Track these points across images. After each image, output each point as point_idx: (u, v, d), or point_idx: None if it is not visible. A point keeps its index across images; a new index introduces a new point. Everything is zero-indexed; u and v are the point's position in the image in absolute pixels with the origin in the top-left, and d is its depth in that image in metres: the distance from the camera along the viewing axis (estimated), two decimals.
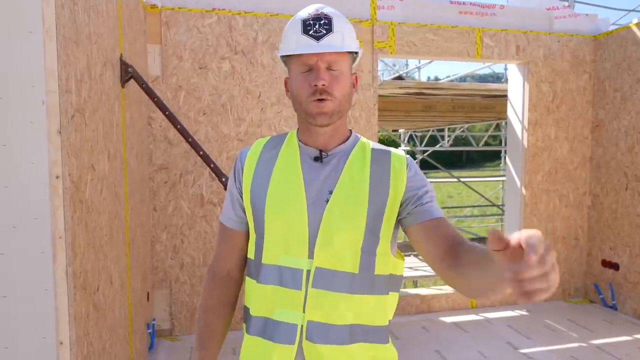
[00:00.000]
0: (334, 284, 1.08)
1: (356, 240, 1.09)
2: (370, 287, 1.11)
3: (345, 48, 1.09)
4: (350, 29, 1.13)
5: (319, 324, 1.08)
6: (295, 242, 1.10)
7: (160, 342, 3.55)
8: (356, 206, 1.09)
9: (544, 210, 4.46)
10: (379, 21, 3.96)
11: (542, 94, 4.38)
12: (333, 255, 1.08)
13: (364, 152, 1.16)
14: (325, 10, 1.11)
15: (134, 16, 3.00)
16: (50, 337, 1.59)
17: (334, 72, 1.09)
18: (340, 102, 1.10)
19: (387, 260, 1.13)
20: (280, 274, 1.11)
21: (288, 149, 1.18)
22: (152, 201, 3.58)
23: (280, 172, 1.14)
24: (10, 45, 1.50)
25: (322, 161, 1.14)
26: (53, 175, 1.57)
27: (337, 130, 1.16)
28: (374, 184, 1.10)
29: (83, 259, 1.78)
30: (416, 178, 1.14)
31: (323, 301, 1.08)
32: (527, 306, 4.40)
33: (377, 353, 1.14)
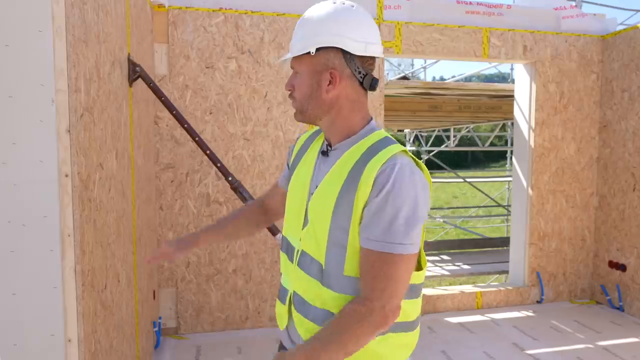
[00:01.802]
0: (310, 269, 1.19)
1: (324, 232, 1.15)
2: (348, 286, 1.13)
3: (293, 53, 1.16)
4: (307, 30, 1.15)
5: (300, 297, 1.23)
6: (295, 223, 1.26)
7: (166, 341, 3.57)
8: (327, 202, 1.15)
9: (550, 211, 4.44)
10: (386, 21, 3.95)
11: (549, 94, 4.36)
12: (311, 243, 1.19)
13: (356, 152, 1.15)
14: (305, 14, 1.19)
15: (142, 15, 3.02)
16: (58, 335, 1.59)
17: (296, 74, 1.19)
18: (300, 102, 1.19)
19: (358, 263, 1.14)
20: (287, 245, 1.31)
21: (318, 141, 1.31)
22: (159, 200, 3.60)
23: (303, 162, 1.30)
24: (20, 44, 1.51)
25: (328, 155, 1.22)
26: (62, 174, 1.58)
27: (334, 125, 1.20)
28: (345, 186, 1.12)
29: (91, 257, 1.79)
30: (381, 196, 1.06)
31: (301, 280, 1.22)
32: (533, 307, 4.38)
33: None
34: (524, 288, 4.45)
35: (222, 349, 3.43)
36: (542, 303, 4.43)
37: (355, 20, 1.14)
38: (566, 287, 4.54)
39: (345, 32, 1.12)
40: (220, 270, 3.72)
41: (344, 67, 1.15)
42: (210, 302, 3.72)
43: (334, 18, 1.13)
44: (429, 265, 7.25)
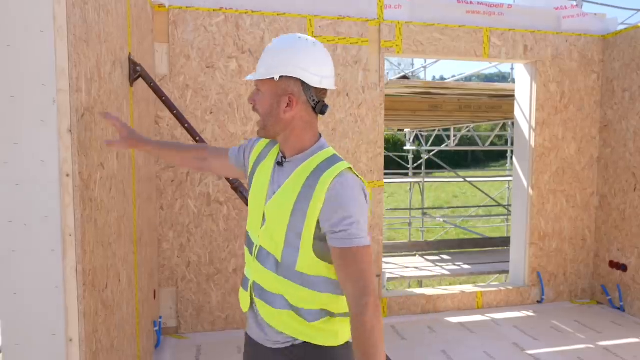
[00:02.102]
0: (267, 263, 1.42)
1: (280, 235, 1.38)
2: (299, 280, 1.38)
3: (256, 76, 1.38)
4: (271, 58, 1.37)
5: (259, 285, 1.45)
6: (255, 221, 1.48)
7: (167, 340, 3.57)
8: (284, 210, 1.37)
9: (551, 211, 4.44)
10: (386, 21, 3.95)
11: (550, 94, 4.36)
12: (267, 240, 1.42)
13: (308, 167, 1.37)
14: (272, 42, 1.42)
15: (142, 15, 3.01)
16: (60, 334, 1.60)
17: (260, 93, 1.40)
18: (263, 117, 1.41)
19: (312, 262, 1.37)
20: (249, 240, 1.51)
21: (274, 152, 1.50)
22: (159, 199, 3.60)
23: (261, 168, 1.50)
24: (22, 44, 1.51)
25: (283, 165, 1.44)
26: (64, 174, 1.58)
27: (288, 141, 1.42)
28: (300, 198, 1.35)
29: (92, 256, 1.80)
30: (334, 205, 1.30)
31: (260, 271, 1.44)
32: (533, 307, 4.38)
33: (300, 326, 1.40)
34: (524, 288, 4.45)
35: (222, 349, 3.43)
36: (542, 303, 4.43)
37: (314, 57, 1.36)
38: (567, 287, 4.54)
39: (305, 66, 1.34)
40: (221, 269, 3.72)
41: (301, 94, 1.36)
42: (210, 302, 3.73)
43: (297, 52, 1.35)
44: (429, 265, 7.25)
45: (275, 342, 1.44)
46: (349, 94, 3.90)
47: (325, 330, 1.40)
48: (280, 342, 1.43)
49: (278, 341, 1.43)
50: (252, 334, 1.53)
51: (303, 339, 1.40)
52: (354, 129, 3.93)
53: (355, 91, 3.91)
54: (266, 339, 1.46)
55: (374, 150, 4.00)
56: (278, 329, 1.42)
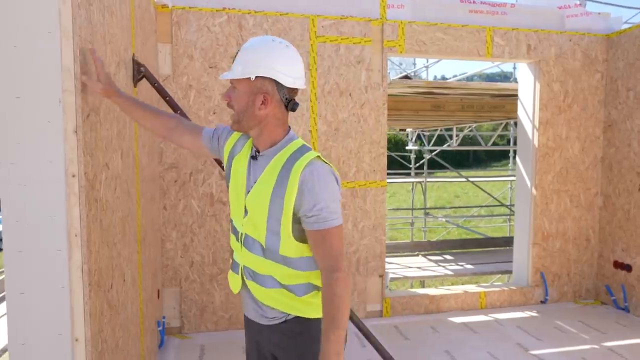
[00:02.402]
0: (253, 248, 1.55)
1: (262, 223, 1.51)
2: (283, 262, 1.51)
3: (234, 75, 1.46)
4: (247, 59, 1.45)
5: (249, 269, 1.58)
6: (237, 212, 1.59)
7: (170, 340, 3.58)
8: (263, 200, 1.49)
9: (554, 211, 4.43)
10: (389, 20, 3.95)
11: (553, 94, 4.35)
12: (252, 228, 1.54)
13: (281, 158, 1.49)
14: (246, 43, 1.50)
15: (146, 16, 3.02)
16: (65, 334, 1.60)
17: (235, 90, 1.49)
18: (237, 113, 1.50)
19: (291, 245, 1.50)
20: (235, 228, 1.62)
21: (248, 146, 1.60)
22: (163, 200, 3.60)
23: (238, 161, 1.59)
24: (28, 45, 1.51)
25: (257, 159, 1.54)
26: (69, 174, 1.58)
27: (261, 135, 1.52)
28: (276, 188, 1.47)
29: (98, 256, 1.80)
30: (305, 192, 1.43)
31: (248, 257, 1.57)
32: (537, 307, 4.37)
33: (292, 301, 1.54)
34: (527, 288, 4.45)
35: (226, 349, 3.43)
36: (546, 303, 4.42)
37: (288, 59, 1.47)
38: (570, 287, 4.53)
39: (279, 68, 1.44)
40: (224, 269, 3.72)
41: (274, 93, 1.47)
42: (214, 302, 3.73)
43: (272, 54, 1.45)
44: (432, 265, 7.25)
45: (271, 318, 1.57)
46: (351, 94, 3.90)
47: (314, 304, 1.54)
48: (275, 318, 1.56)
49: (274, 317, 1.56)
50: (248, 313, 1.65)
51: (295, 313, 1.54)
52: (357, 129, 3.93)
53: (358, 91, 3.91)
54: (262, 315, 1.59)
55: (377, 150, 4.00)
56: (272, 306, 1.56)
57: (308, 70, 3.77)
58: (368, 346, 3.21)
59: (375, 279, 4.08)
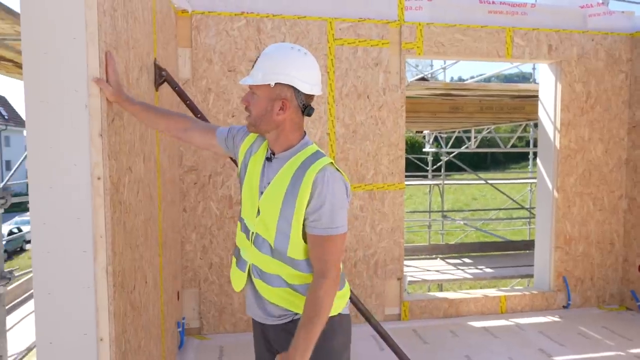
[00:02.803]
0: (262, 247, 1.59)
1: (272, 224, 1.55)
2: (290, 264, 1.55)
3: (255, 82, 1.51)
4: (267, 66, 1.50)
5: (257, 267, 1.61)
6: (250, 211, 1.62)
7: (190, 341, 3.61)
8: (275, 202, 1.53)
9: (577, 214, 4.34)
10: (407, 22, 3.93)
11: (576, 94, 4.27)
12: (262, 228, 1.58)
13: (295, 162, 1.53)
14: (265, 50, 1.55)
15: (166, 21, 3.07)
16: (91, 334, 1.63)
17: (254, 96, 1.53)
18: (255, 117, 1.54)
19: (299, 247, 1.54)
20: (245, 227, 1.66)
21: (264, 148, 1.64)
22: (182, 202, 3.65)
23: (253, 162, 1.64)
24: (56, 51, 1.55)
25: (271, 161, 1.59)
26: (95, 177, 1.61)
27: (278, 139, 1.56)
28: (289, 191, 1.51)
29: (121, 258, 1.83)
30: (314, 197, 1.47)
31: (257, 256, 1.61)
32: (559, 312, 4.28)
33: (299, 300, 1.57)
34: (549, 293, 4.36)
35: (244, 350, 3.44)
36: (568, 308, 4.33)
37: (305, 66, 1.52)
38: (594, 292, 4.43)
39: (298, 75, 1.50)
40: None
41: (292, 99, 1.52)
42: (232, 304, 3.75)
43: (290, 62, 1.50)
44: (451, 268, 7.17)
45: (276, 317, 1.60)
46: (369, 96, 3.89)
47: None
48: (282, 317, 1.59)
49: (280, 316, 1.60)
50: (253, 314, 1.69)
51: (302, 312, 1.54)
52: (375, 131, 3.92)
53: (376, 93, 3.90)
54: (267, 316, 1.62)
55: (395, 153, 3.98)
56: (278, 304, 1.59)
57: (326, 73, 3.77)
58: (386, 349, 3.19)
59: (393, 282, 4.05)
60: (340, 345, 1.62)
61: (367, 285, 3.98)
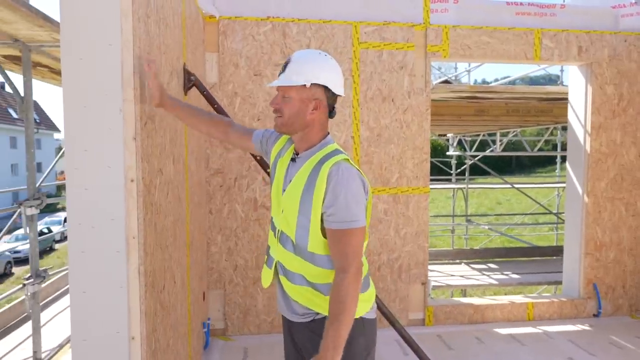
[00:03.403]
0: (287, 245, 1.64)
1: (293, 220, 1.60)
2: (311, 259, 1.59)
3: (289, 83, 1.57)
4: (300, 68, 1.58)
5: (282, 265, 1.67)
6: (276, 210, 1.70)
7: (214, 341, 3.65)
8: (295, 198, 1.59)
9: (608, 220, 4.22)
10: (432, 25, 3.91)
11: (607, 97, 4.16)
12: (285, 225, 1.64)
13: (314, 160, 1.59)
14: (295, 55, 1.63)
15: (195, 26, 3.13)
16: (123, 332, 1.67)
17: (285, 98, 1.60)
18: (287, 119, 1.60)
19: (319, 242, 1.57)
20: (273, 225, 1.73)
21: (292, 148, 1.71)
22: (208, 204, 3.70)
23: (280, 163, 1.72)
24: (92, 57, 1.60)
25: (295, 161, 1.66)
26: (128, 179, 1.66)
27: (303, 139, 1.64)
28: (306, 186, 1.57)
29: (152, 258, 1.87)
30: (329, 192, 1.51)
31: (282, 252, 1.66)
32: (589, 320, 4.17)
33: (320, 300, 1.60)
34: (579, 300, 4.25)
35: (268, 352, 3.47)
36: (599, 317, 4.21)
37: (334, 69, 1.62)
38: (626, 300, 4.29)
39: (329, 76, 1.60)
40: None
41: (323, 99, 1.61)
42: (256, 305, 3.78)
43: (322, 64, 1.60)
44: (475, 274, 7.06)
45: (300, 315, 1.64)
46: (394, 100, 3.88)
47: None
48: (305, 316, 1.63)
49: (303, 314, 1.63)
50: (281, 310, 1.74)
51: (324, 312, 1.58)
52: (400, 135, 3.90)
53: (401, 96, 3.89)
54: (292, 313, 1.67)
55: (420, 156, 3.95)
56: (301, 303, 1.63)
57: (350, 77, 3.78)
58: (410, 354, 3.16)
59: (417, 287, 4.01)
60: (362, 350, 1.62)
61: (391, 289, 3.95)
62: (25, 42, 3.27)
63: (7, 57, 3.67)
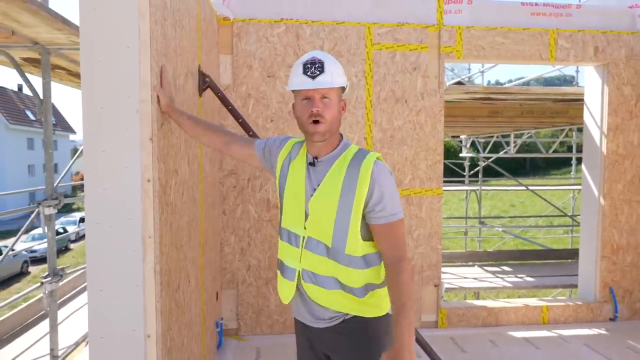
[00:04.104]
0: (316, 249, 1.60)
1: (329, 223, 1.56)
2: (348, 262, 1.57)
3: (333, 84, 1.54)
4: (338, 68, 1.58)
5: (309, 271, 1.62)
6: (297, 217, 1.64)
7: (227, 341, 3.68)
8: (330, 201, 1.56)
9: (625, 222, 4.15)
10: (446, 26, 3.89)
11: (624, 98, 4.10)
12: (316, 230, 1.59)
13: (344, 160, 1.58)
14: (319, 56, 1.57)
15: (209, 28, 3.16)
16: (139, 330, 1.69)
17: (326, 100, 1.54)
18: (330, 123, 1.55)
19: (358, 244, 1.56)
20: (289, 235, 1.67)
21: (302, 152, 1.67)
22: (222, 205, 3.73)
23: (294, 169, 1.66)
24: (109, 59, 1.63)
25: (315, 165, 1.62)
26: (145, 179, 1.68)
27: (328, 142, 1.60)
28: (345, 187, 1.54)
29: (168, 258, 1.89)
30: (375, 188, 1.52)
31: (310, 258, 1.62)
32: (605, 324, 4.10)
33: (351, 302, 1.60)
34: (595, 304, 4.18)
35: (280, 352, 3.48)
36: (616, 321, 4.14)
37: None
38: None
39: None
40: None
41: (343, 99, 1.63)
42: (269, 306, 3.80)
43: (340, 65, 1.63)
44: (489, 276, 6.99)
45: (326, 320, 1.62)
46: (407, 101, 3.87)
47: (372, 304, 1.62)
48: (333, 319, 1.61)
49: (331, 318, 1.62)
50: (300, 316, 1.70)
51: (354, 313, 1.60)
52: (413, 136, 3.89)
53: (414, 98, 3.87)
54: (315, 319, 1.64)
55: (433, 158, 3.93)
56: (331, 308, 1.61)
57: (363, 78, 3.78)
58: (424, 357, 3.14)
59: (430, 289, 3.99)
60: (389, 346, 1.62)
61: None
62: (44, 45, 3.34)
63: (26, 60, 3.75)
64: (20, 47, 3.33)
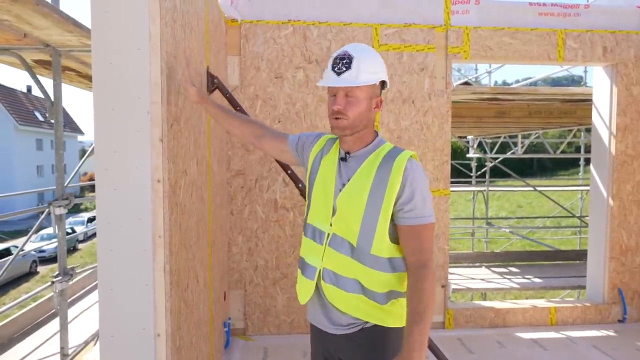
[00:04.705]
0: (341, 248, 1.53)
1: (356, 221, 1.50)
2: (372, 263, 1.50)
3: (356, 83, 1.48)
4: (371, 65, 1.51)
5: (330, 271, 1.55)
6: (324, 213, 1.58)
7: (235, 341, 3.70)
8: (359, 197, 1.50)
9: (634, 223, 4.12)
10: (453, 26, 3.89)
11: (633, 98, 4.07)
12: (342, 227, 1.53)
13: (377, 157, 1.53)
14: (351, 50, 1.51)
15: (218, 30, 3.18)
16: (149, 329, 1.71)
17: (350, 98, 1.50)
18: (353, 120, 1.51)
19: (384, 245, 1.50)
20: (313, 231, 1.62)
21: (335, 148, 1.64)
22: (230, 205, 3.75)
23: (325, 164, 1.63)
24: (120, 61, 1.65)
25: (347, 160, 1.58)
26: (155, 180, 1.70)
27: (359, 138, 1.56)
28: (375, 184, 1.49)
29: (177, 257, 1.91)
30: (407, 186, 1.47)
31: (333, 257, 1.55)
32: (614, 326, 4.07)
33: (371, 309, 1.52)
34: (603, 305, 4.15)
35: (288, 352, 3.49)
36: (624, 323, 4.11)
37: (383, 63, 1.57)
38: None
39: (385, 71, 1.56)
40: (287, 274, 3.80)
41: (380, 96, 1.57)
42: (276, 306, 3.81)
43: (380, 59, 1.55)
44: (496, 277, 6.96)
45: (343, 326, 1.55)
46: (414, 101, 3.87)
47: (394, 313, 1.54)
48: (351, 326, 1.54)
49: (349, 324, 1.54)
50: (316, 321, 1.63)
51: (374, 321, 1.52)
52: (420, 137, 3.89)
53: (421, 98, 3.87)
54: (332, 325, 1.57)
55: (440, 158, 3.93)
56: (349, 313, 1.53)
57: None
58: (431, 357, 3.14)
59: (437, 290, 3.99)
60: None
61: None
62: (55, 47, 3.38)
63: (37, 62, 3.80)
64: (32, 49, 3.37)
